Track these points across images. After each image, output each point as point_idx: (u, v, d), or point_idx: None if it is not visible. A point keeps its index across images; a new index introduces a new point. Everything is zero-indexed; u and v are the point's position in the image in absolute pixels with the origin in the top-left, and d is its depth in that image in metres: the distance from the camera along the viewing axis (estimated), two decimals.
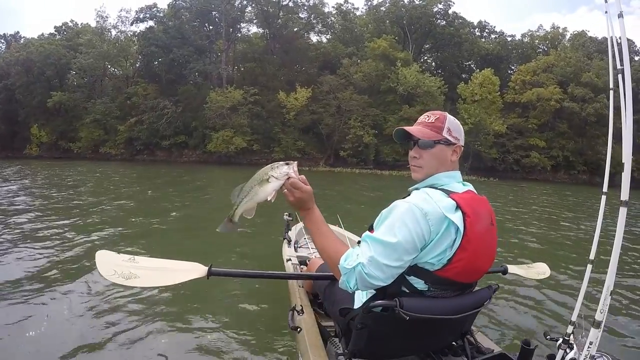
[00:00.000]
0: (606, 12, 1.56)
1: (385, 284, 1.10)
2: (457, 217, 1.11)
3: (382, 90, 31.01)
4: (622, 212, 1.28)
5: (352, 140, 28.79)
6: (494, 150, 31.10)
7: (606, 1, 1.54)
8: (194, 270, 1.52)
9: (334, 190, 13.62)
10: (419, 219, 1.08)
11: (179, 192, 11.34)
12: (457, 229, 1.11)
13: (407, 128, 1.28)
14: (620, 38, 1.41)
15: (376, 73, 30.65)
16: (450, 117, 1.29)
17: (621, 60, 1.36)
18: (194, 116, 30.63)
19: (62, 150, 33.54)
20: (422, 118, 1.32)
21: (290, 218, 3.28)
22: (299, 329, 1.64)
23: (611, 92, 1.70)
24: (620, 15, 1.33)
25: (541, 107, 32.64)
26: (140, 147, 31.53)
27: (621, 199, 1.27)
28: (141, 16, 35.18)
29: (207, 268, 1.53)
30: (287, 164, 1.19)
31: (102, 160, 29.15)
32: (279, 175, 1.16)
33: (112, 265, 1.40)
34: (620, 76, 1.39)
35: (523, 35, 42.24)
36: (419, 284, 1.16)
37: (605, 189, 1.85)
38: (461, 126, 1.31)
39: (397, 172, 27.36)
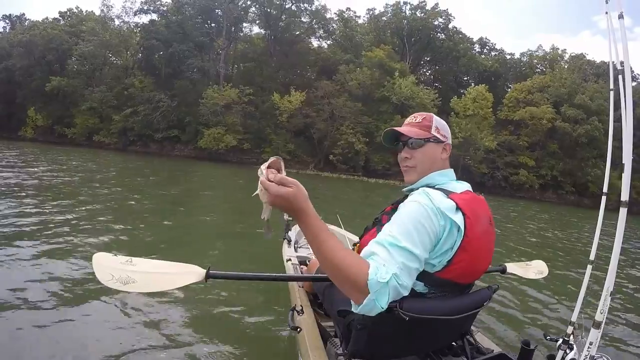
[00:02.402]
0: (607, 12, 1.53)
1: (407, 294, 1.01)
2: (458, 218, 1.10)
3: (376, 98, 31.34)
4: (622, 212, 1.25)
5: (343, 146, 29.11)
6: (484, 165, 31.42)
7: (607, 2, 1.50)
8: (191, 273, 1.46)
9: (322, 192, 13.87)
10: (432, 218, 1.06)
11: (174, 188, 11.33)
12: (459, 229, 1.09)
13: (397, 128, 1.28)
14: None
15: (371, 82, 30.99)
16: (436, 117, 1.30)
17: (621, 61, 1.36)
18: (188, 111, 30.88)
19: (56, 135, 33.70)
20: (409, 119, 1.32)
21: (290, 218, 3.23)
22: (298, 329, 1.64)
23: (611, 92, 1.70)
24: (621, 17, 1.31)
25: (533, 125, 33.02)
26: (133, 138, 31.76)
27: (621, 199, 1.25)
28: (145, 8, 35.54)
29: (205, 271, 1.46)
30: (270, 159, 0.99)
31: (95, 148, 29.32)
32: (259, 172, 0.99)
33: (109, 270, 1.36)
34: (620, 77, 1.39)
35: (522, 54, 42.76)
36: (419, 286, 1.13)
37: (605, 189, 1.81)
38: (447, 126, 1.31)
39: (385, 180, 27.69)
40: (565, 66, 40.07)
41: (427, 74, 41.48)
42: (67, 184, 8.97)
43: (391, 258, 0.96)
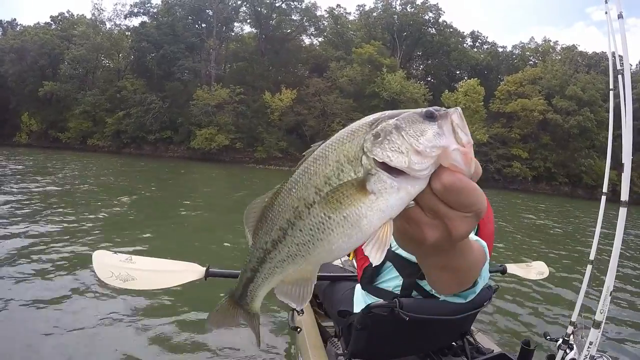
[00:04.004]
0: (606, 12, 1.53)
1: None
2: None
3: (367, 94, 31.46)
4: (622, 212, 1.25)
5: None
6: (476, 158, 31.44)
7: (606, 2, 1.50)
8: (191, 271, 1.47)
9: None
10: None
11: (171, 188, 11.46)
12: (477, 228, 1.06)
13: None
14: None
15: (362, 78, 31.09)
16: None
17: (621, 61, 1.35)
18: (180, 112, 31.05)
19: (51, 140, 33.83)
20: None
21: None
22: (299, 329, 1.64)
23: (611, 92, 1.70)
24: (620, 16, 1.30)
25: (525, 117, 33.13)
26: (127, 140, 31.90)
27: (621, 199, 1.25)
28: (135, 10, 35.62)
29: (204, 269, 1.46)
30: (430, 115, 0.38)
31: (89, 152, 29.47)
32: (420, 164, 0.36)
33: (109, 267, 1.36)
34: (620, 77, 1.38)
35: (514, 47, 42.78)
36: (429, 286, 1.07)
37: (605, 189, 1.80)
38: None
39: None
40: (558, 57, 40.10)
41: (420, 68, 41.54)
42: (64, 186, 9.10)
43: None
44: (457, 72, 40.37)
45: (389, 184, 0.34)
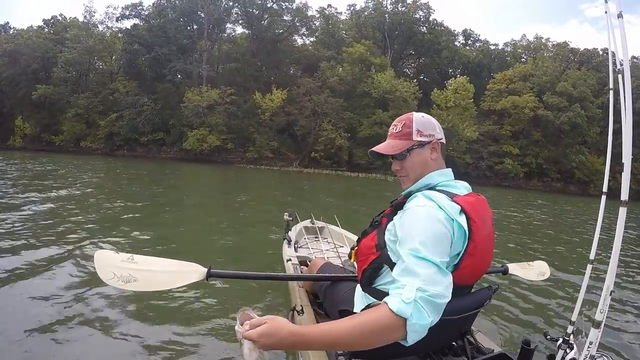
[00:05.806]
0: (606, 12, 1.52)
1: (449, 298, 0.97)
2: (463, 222, 1.07)
3: (357, 94, 31.64)
4: (622, 212, 1.25)
5: (324, 143, 29.45)
6: (468, 155, 31.69)
7: (606, 1, 1.50)
8: (193, 272, 1.47)
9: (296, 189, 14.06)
10: (443, 222, 1.03)
11: (166, 189, 11.41)
12: (465, 234, 1.07)
13: (376, 149, 1.25)
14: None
15: (352, 77, 31.27)
16: (416, 117, 1.24)
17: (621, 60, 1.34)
18: (172, 114, 31.22)
19: (45, 143, 33.94)
20: (391, 129, 1.28)
21: (291, 218, 3.23)
22: None
23: (611, 92, 1.69)
24: (620, 16, 1.29)
25: (516, 114, 33.32)
26: (120, 142, 32.04)
27: (621, 199, 1.24)
28: (127, 13, 35.80)
29: (206, 270, 1.47)
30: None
31: (83, 155, 29.59)
32: (237, 334, 0.95)
33: (110, 268, 1.36)
34: (620, 76, 1.37)
35: (505, 44, 42.95)
36: None
37: (605, 188, 1.78)
38: (433, 120, 1.24)
39: (368, 174, 28.04)
40: (550, 54, 40.26)
41: (412, 66, 41.74)
42: (62, 188, 9.08)
43: (411, 275, 0.94)
44: (449, 71, 40.55)
45: (242, 341, 0.94)
